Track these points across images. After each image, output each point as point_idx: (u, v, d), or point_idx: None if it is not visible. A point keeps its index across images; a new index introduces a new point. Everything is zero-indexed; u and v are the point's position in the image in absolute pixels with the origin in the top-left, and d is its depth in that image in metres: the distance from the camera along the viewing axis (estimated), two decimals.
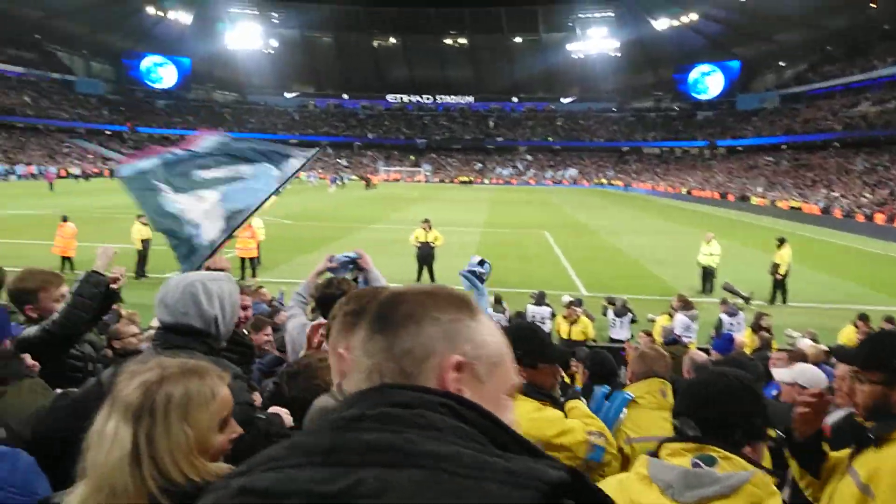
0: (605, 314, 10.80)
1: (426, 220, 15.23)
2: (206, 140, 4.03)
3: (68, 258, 14.45)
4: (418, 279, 14.64)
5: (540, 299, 10.61)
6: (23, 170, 49.66)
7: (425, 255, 14.91)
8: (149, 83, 78.29)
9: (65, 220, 14.72)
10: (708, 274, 14.92)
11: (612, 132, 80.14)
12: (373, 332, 0.81)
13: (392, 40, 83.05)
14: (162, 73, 78.39)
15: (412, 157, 78.69)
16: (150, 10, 71.95)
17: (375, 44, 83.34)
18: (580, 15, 74.99)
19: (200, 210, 3.66)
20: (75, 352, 2.90)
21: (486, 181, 72.13)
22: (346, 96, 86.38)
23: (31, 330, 2.70)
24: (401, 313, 0.81)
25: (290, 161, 4.05)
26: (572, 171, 74.03)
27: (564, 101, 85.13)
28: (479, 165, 77.21)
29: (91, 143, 65.11)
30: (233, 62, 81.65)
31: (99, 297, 2.81)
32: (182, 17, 74.63)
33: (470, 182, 69.06)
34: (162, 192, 3.67)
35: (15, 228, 20.35)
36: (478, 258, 3.27)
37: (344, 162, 75.77)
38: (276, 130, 78.70)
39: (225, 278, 2.17)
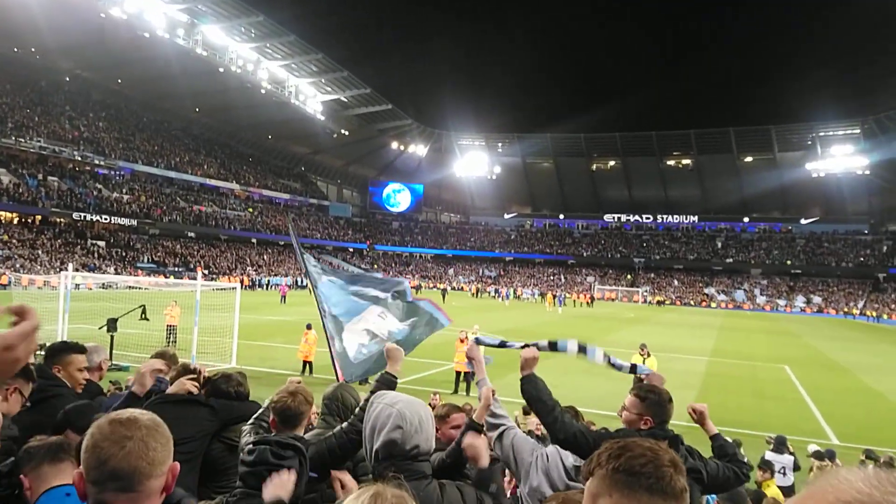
0: None
1: (643, 346, 14.25)
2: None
3: (308, 363, 15.86)
4: None
5: (780, 445, 9.15)
6: (279, 281, 57.12)
7: None
8: (388, 207, 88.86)
9: (309, 327, 16.03)
10: None
11: (865, 256, 70.58)
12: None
13: (611, 163, 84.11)
14: (399, 198, 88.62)
15: (629, 277, 76.62)
16: (394, 145, 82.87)
17: (594, 167, 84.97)
18: (821, 133, 69.54)
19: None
20: None
21: (713, 305, 67.27)
22: (562, 216, 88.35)
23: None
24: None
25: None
26: (816, 299, 65.99)
27: (804, 222, 77.54)
28: (710, 289, 72.46)
29: (336, 258, 74.01)
30: (458, 187, 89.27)
31: None
32: (419, 150, 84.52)
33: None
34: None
35: (266, 333, 23.32)
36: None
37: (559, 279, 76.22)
38: (494, 248, 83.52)
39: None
